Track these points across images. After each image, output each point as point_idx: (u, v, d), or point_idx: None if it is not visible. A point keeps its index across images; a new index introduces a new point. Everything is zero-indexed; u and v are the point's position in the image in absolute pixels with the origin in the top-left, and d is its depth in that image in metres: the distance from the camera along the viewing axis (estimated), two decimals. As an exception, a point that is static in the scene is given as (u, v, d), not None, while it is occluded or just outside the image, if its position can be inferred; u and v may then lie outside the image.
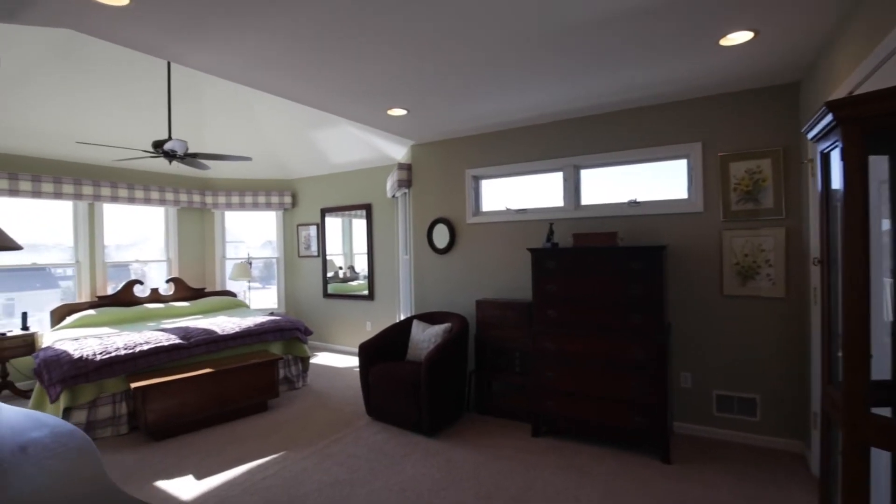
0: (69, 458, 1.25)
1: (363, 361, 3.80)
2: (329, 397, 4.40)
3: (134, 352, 3.69)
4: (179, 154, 4.05)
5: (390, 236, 5.74)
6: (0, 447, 1.35)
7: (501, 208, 4.20)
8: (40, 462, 1.26)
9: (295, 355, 4.73)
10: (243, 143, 5.66)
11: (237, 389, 3.86)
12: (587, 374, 3.20)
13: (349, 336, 6.20)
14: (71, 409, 3.44)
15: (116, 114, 4.70)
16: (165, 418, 3.50)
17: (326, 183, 6.40)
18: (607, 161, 3.70)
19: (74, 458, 1.25)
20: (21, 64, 3.89)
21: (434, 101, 3.36)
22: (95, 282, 5.41)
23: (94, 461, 1.22)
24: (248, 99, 5.06)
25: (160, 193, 5.86)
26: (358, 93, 3.15)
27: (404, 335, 4.07)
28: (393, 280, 5.72)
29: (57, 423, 1.51)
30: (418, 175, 4.64)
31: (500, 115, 3.71)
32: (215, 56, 2.52)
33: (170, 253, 6.17)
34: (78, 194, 5.14)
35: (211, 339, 4.11)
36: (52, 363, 3.47)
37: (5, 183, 4.64)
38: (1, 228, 1.28)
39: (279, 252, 6.77)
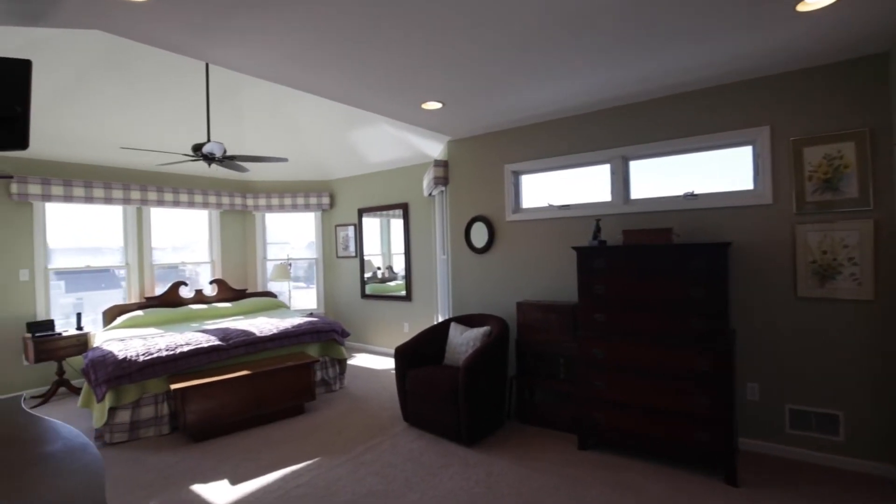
0: (74, 479, 1.16)
1: (399, 365, 3.67)
2: (366, 401, 4.31)
3: (175, 353, 3.73)
4: (217, 156, 4.07)
5: (427, 236, 5.61)
6: (13, 462, 1.28)
7: (543, 204, 3.96)
8: (47, 479, 1.17)
9: (332, 357, 4.68)
10: (282, 145, 5.68)
11: (274, 392, 3.83)
12: (640, 384, 2.93)
13: (387, 337, 6.12)
14: (116, 408, 3.50)
15: (159, 119, 4.81)
16: (204, 420, 3.51)
17: (363, 183, 6.35)
18: (660, 151, 3.40)
19: (79, 479, 1.15)
20: (72, 74, 4.02)
21: (470, 93, 3.18)
22: (144, 283, 5.59)
23: (97, 484, 1.12)
24: (286, 101, 5.06)
25: (203, 197, 5.99)
26: (390, 86, 3.02)
27: (441, 338, 3.91)
28: (430, 281, 5.59)
29: (72, 435, 1.44)
30: (455, 172, 4.47)
31: (540, 105, 3.48)
32: (242, 53, 2.45)
33: (213, 255, 6.31)
34: (127, 199, 5.32)
35: (249, 340, 4.11)
36: (98, 363, 3.55)
37: (60, 189, 4.85)
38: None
39: (318, 253, 6.79)
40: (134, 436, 3.58)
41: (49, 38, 3.55)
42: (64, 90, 4.16)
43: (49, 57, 3.75)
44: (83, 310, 5.23)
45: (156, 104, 4.65)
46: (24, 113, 1.98)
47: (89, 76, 4.12)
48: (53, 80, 4.01)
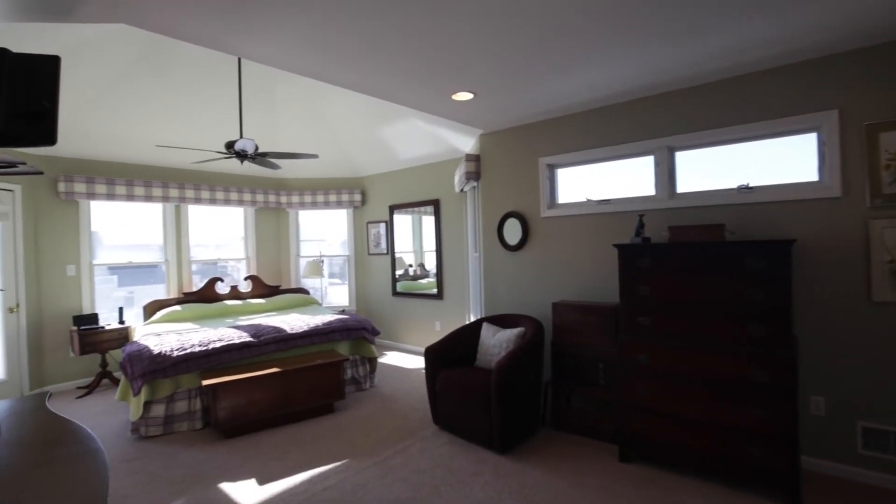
0: (76, 488, 1.09)
1: (430, 366, 3.55)
2: (395, 401, 4.23)
3: (207, 349, 3.75)
4: (249, 154, 4.08)
5: (459, 233, 5.47)
6: (21, 463, 1.23)
7: (580, 199, 3.75)
8: (46, 484, 1.11)
9: (362, 355, 4.62)
10: (314, 142, 5.68)
11: (304, 390, 3.80)
12: (689, 394, 2.69)
13: (418, 336, 6.03)
14: (151, 402, 3.55)
15: (195, 118, 4.88)
16: (235, 416, 3.50)
17: (394, 179, 6.28)
18: (709, 140, 3.13)
19: (80, 489, 1.08)
20: (113, 75, 4.12)
21: (503, 82, 3.01)
22: (182, 279, 5.71)
23: (99, 493, 1.05)
24: (318, 97, 5.04)
25: (239, 194, 6.07)
26: (420, 77, 2.89)
27: (473, 339, 3.77)
28: (462, 279, 5.45)
29: (86, 439, 1.39)
30: (487, 166, 4.31)
31: (578, 93, 3.27)
32: (268, 45, 2.38)
33: (248, 251, 6.40)
34: (166, 196, 5.44)
35: (280, 337, 4.10)
36: (134, 358, 3.61)
37: (104, 188, 5.00)
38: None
39: (349, 250, 6.78)
40: (168, 430, 3.62)
41: (91, 41, 3.63)
42: (105, 91, 4.27)
43: (91, 59, 3.84)
44: (134, 303, 5.41)
45: (191, 103, 4.72)
46: (52, 109, 1.96)
47: (129, 77, 4.21)
48: (95, 81, 4.12)
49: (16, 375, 4.48)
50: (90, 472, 1.17)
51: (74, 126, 4.54)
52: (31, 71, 1.97)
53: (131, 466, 3.10)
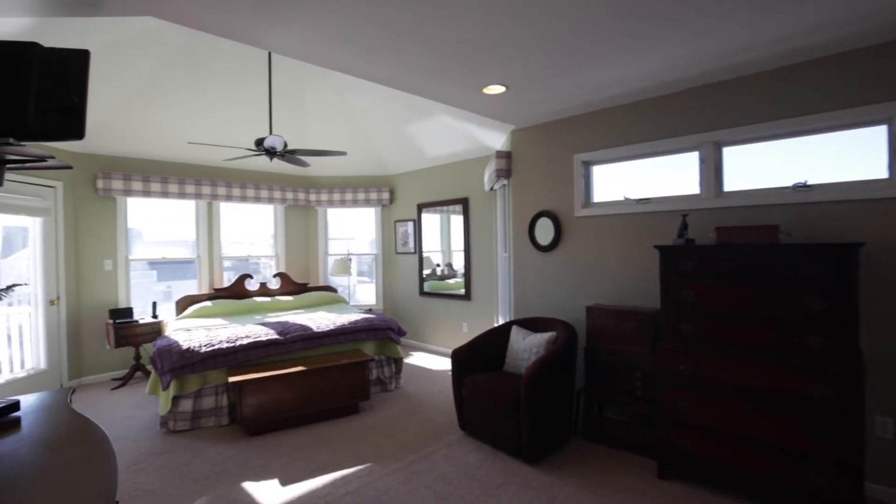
0: (79, 496, 1.03)
1: (456, 370, 3.44)
2: (421, 403, 4.13)
3: (235, 345, 3.75)
4: (278, 150, 4.07)
5: (488, 232, 5.34)
6: (31, 463, 1.19)
7: (617, 198, 3.55)
8: (51, 489, 1.05)
9: (388, 356, 4.55)
10: (343, 140, 5.66)
11: (329, 389, 3.75)
12: (736, 409, 2.48)
13: (445, 337, 5.93)
14: (179, 397, 3.58)
15: (226, 116, 4.92)
16: (260, 414, 3.48)
17: (423, 177, 6.19)
18: (761, 134, 2.89)
19: (84, 494, 1.02)
20: (148, 75, 4.18)
21: (537, 74, 2.87)
22: (213, 275, 5.79)
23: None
24: (347, 95, 5.00)
25: (269, 192, 6.11)
26: (450, 69, 2.78)
27: (502, 342, 3.64)
28: (491, 280, 5.31)
29: (100, 440, 1.34)
30: (519, 163, 4.16)
31: (616, 85, 3.09)
32: (295, 37, 2.32)
33: (277, 249, 6.44)
34: (198, 194, 5.53)
35: (306, 335, 4.07)
36: (164, 353, 3.64)
37: (140, 185, 5.11)
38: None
39: (377, 248, 6.74)
40: (195, 424, 3.64)
41: (126, 41, 3.69)
42: (141, 90, 4.34)
43: (127, 59, 3.91)
44: (171, 297, 5.53)
45: (223, 101, 4.76)
46: (81, 103, 1.95)
47: (163, 77, 4.27)
48: (131, 80, 4.19)
49: (55, 366, 4.62)
50: (100, 476, 1.11)
51: (112, 124, 4.65)
52: (61, 65, 1.96)
53: (159, 460, 3.12)
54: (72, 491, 1.06)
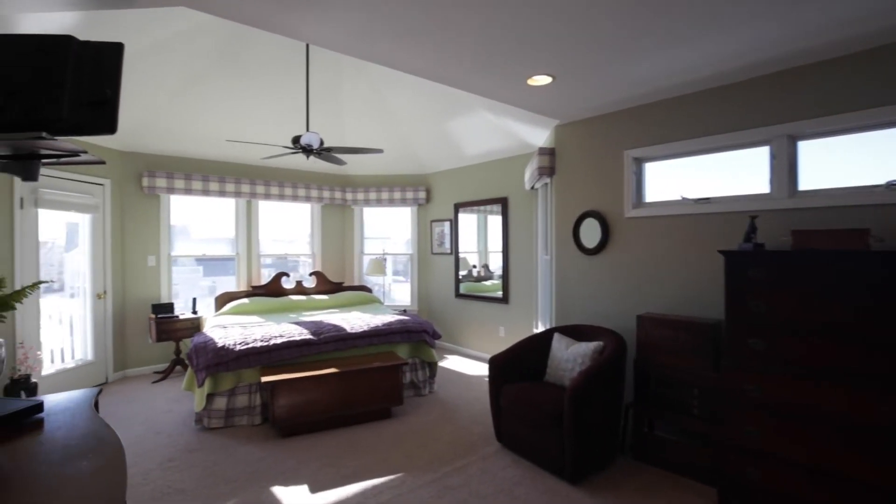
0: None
1: (494, 377, 3.25)
2: (456, 410, 3.97)
3: (268, 344, 3.71)
4: (314, 148, 4.01)
5: (528, 233, 5.12)
6: (40, 474, 1.10)
7: (673, 198, 3.27)
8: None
9: (422, 359, 4.41)
10: (380, 138, 5.57)
11: (362, 393, 3.64)
12: (816, 439, 2.17)
13: (481, 340, 5.74)
14: (213, 395, 3.56)
15: (265, 115, 4.93)
16: (292, 415, 3.42)
17: (460, 176, 6.03)
18: (845, 126, 2.55)
19: None
20: (190, 75, 4.23)
21: (587, 62, 2.64)
22: (251, 272, 5.84)
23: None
24: (385, 92, 4.91)
25: (306, 190, 6.12)
26: (491, 58, 2.60)
27: (543, 350, 3.42)
28: (530, 283, 5.09)
29: (114, 452, 1.24)
30: (563, 160, 3.92)
31: (674, 74, 2.82)
32: (327, 25, 2.20)
33: (314, 247, 6.44)
34: (238, 192, 5.58)
35: (339, 336, 3.99)
36: (200, 350, 3.64)
37: (182, 183, 5.20)
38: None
39: (413, 248, 6.63)
40: (229, 423, 3.62)
41: (170, 40, 3.71)
42: (183, 90, 4.40)
43: (169, 58, 3.95)
44: (216, 292, 5.64)
45: (261, 100, 4.76)
46: (113, 96, 1.90)
47: (204, 76, 4.31)
48: (175, 80, 4.24)
49: (101, 358, 4.75)
50: (106, 493, 1.01)
51: (156, 123, 4.74)
52: (96, 58, 1.91)
53: (192, 458, 3.09)
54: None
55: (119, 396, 4.37)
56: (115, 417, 3.84)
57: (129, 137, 4.82)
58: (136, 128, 4.72)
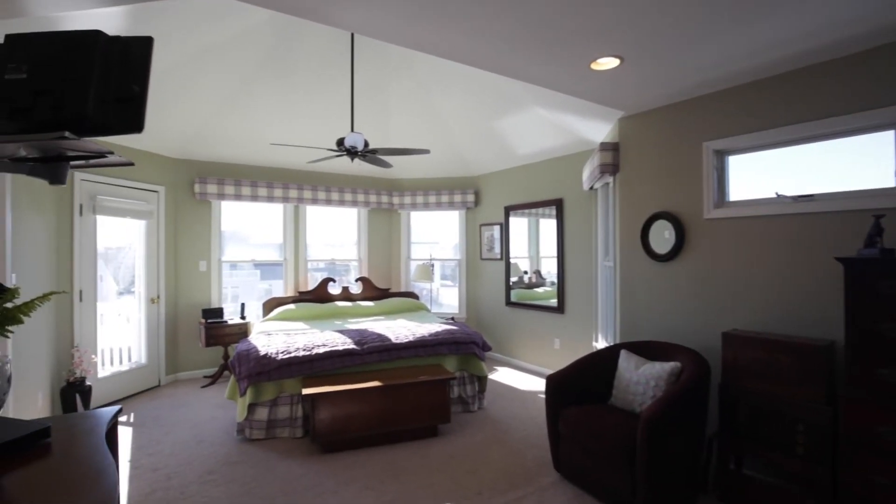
0: None
1: (552, 399, 2.91)
2: (508, 430, 3.64)
3: (311, 354, 3.56)
4: (358, 149, 3.84)
5: (586, 237, 4.71)
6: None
7: (765, 195, 2.80)
8: None
9: (471, 373, 4.11)
10: (426, 140, 5.36)
11: (406, 408, 3.40)
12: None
13: (534, 352, 5.37)
14: (255, 405, 3.44)
15: (311, 119, 4.85)
16: (333, 431, 3.23)
17: (511, 178, 5.70)
18: None
19: None
20: (238, 80, 4.21)
21: (663, 38, 2.27)
22: (298, 278, 5.79)
23: None
24: (431, 92, 4.70)
25: (352, 195, 6.01)
26: (550, 39, 2.29)
27: (607, 369, 3.03)
28: (589, 291, 4.67)
29: (105, 489, 1.04)
30: (628, 156, 3.52)
31: (769, 48, 2.38)
32: (374, 12, 1.98)
33: (360, 253, 6.33)
34: (286, 197, 5.55)
35: (383, 346, 3.78)
36: (242, 358, 3.54)
37: (232, 189, 5.23)
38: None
39: (461, 254, 6.36)
40: (271, 434, 3.49)
41: (219, 46, 3.68)
42: (232, 96, 4.39)
43: (217, 65, 3.93)
44: (272, 296, 5.67)
45: (307, 104, 4.69)
46: (141, 93, 1.77)
47: (252, 81, 4.28)
48: (224, 86, 4.24)
49: (154, 361, 4.82)
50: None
51: (207, 130, 4.78)
52: (124, 54, 1.79)
53: (232, 471, 2.97)
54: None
55: (169, 400, 4.39)
56: (162, 423, 3.82)
57: (182, 145, 4.89)
58: (189, 135, 4.77)
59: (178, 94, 4.11)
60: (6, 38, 1.63)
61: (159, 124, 4.44)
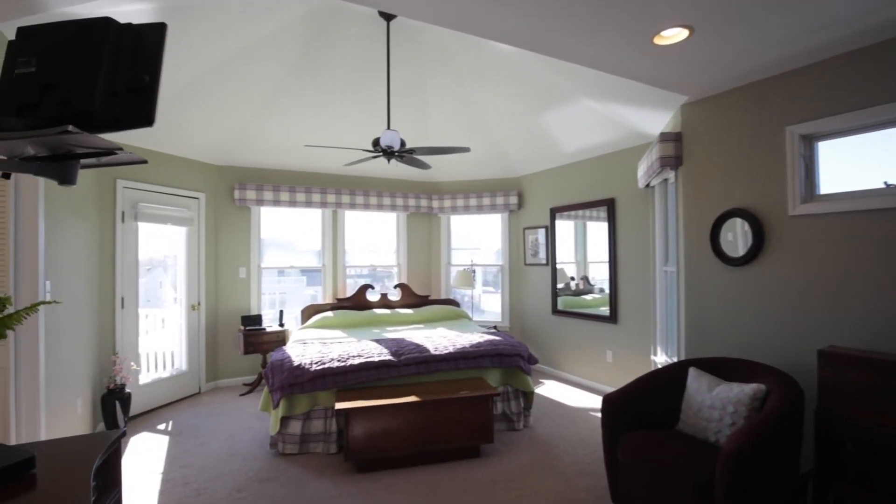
0: None
1: (609, 421, 2.56)
2: (557, 453, 3.30)
3: (345, 365, 3.37)
4: (395, 149, 3.65)
5: (642, 239, 4.30)
6: None
7: (868, 185, 2.35)
8: None
9: (516, 387, 3.80)
10: (466, 140, 5.12)
11: (446, 426, 3.14)
12: None
13: (583, 365, 4.98)
14: (288, 418, 3.29)
15: (346, 122, 4.73)
16: (367, 448, 3.01)
17: (557, 177, 5.36)
18: None
19: None
20: (274, 84, 4.16)
21: (738, 3, 1.92)
22: (337, 284, 5.68)
23: None
24: (471, 90, 4.47)
25: (391, 199, 5.86)
26: (606, 10, 1.99)
27: (673, 388, 2.65)
28: (645, 299, 4.25)
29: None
30: (694, 147, 3.12)
31: (869, 12, 1.97)
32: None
33: (399, 258, 6.15)
34: (324, 202, 5.46)
35: (422, 358, 3.54)
36: (276, 368, 3.41)
37: (270, 194, 5.19)
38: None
39: (503, 259, 6.06)
40: (304, 449, 3.33)
41: (254, 47, 3.61)
42: (268, 100, 4.34)
43: (255, 68, 3.87)
44: (318, 300, 5.63)
45: (343, 106, 4.58)
46: (152, 84, 1.62)
47: (288, 85, 4.21)
48: (260, 90, 4.18)
49: (195, 368, 4.81)
50: None
51: (245, 136, 4.76)
52: (136, 43, 1.65)
53: (262, 489, 2.81)
54: None
55: (207, 409, 4.34)
56: (199, 432, 3.75)
57: (222, 151, 4.89)
58: (229, 141, 4.77)
59: (218, 99, 4.09)
60: (18, 32, 1.51)
61: (200, 131, 4.44)
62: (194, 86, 3.77)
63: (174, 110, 3.91)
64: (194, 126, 4.33)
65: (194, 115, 4.16)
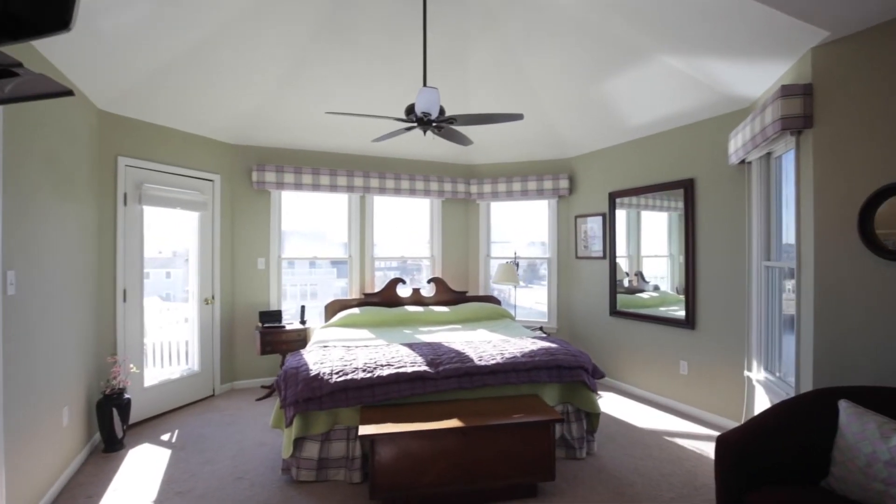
0: None
1: (728, 475, 1.86)
2: (633, 494, 2.61)
3: (372, 377, 2.78)
4: (433, 118, 3.01)
5: (731, 229, 3.52)
6: None
7: None
8: None
9: (576, 406, 3.12)
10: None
11: (493, 459, 2.52)
12: None
13: (650, 376, 4.25)
14: (304, 438, 2.74)
15: (375, 92, 4.12)
16: (396, 483, 2.42)
17: (618, 156, 4.61)
18: None
19: None
20: (295, 59, 3.70)
21: None
22: (364, 278, 5.13)
23: None
24: (518, 55, 3.81)
25: (424, 183, 5.23)
26: None
27: (813, 429, 1.93)
28: (734, 301, 3.48)
29: None
30: (832, 101, 2.34)
31: None
32: None
33: (433, 250, 5.53)
34: (350, 186, 4.90)
35: (464, 370, 2.91)
36: (290, 377, 2.85)
37: (291, 177, 4.67)
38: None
39: (551, 251, 5.35)
40: (322, 476, 2.77)
41: (273, 7, 3.06)
42: (290, 72, 3.84)
43: (275, 32, 3.34)
44: (347, 293, 5.13)
45: (373, 78, 4.00)
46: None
47: (311, 55, 3.68)
48: (281, 60, 3.67)
49: (208, 368, 4.35)
50: None
51: (264, 113, 4.25)
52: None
53: (269, 531, 2.26)
54: None
55: (219, 415, 3.86)
56: (205, 445, 3.26)
57: (239, 130, 4.39)
58: (246, 118, 4.26)
59: (233, 68, 3.57)
60: None
61: (214, 106, 3.94)
62: (203, 49, 3.24)
63: (180, 77, 3.40)
64: (206, 98, 3.82)
65: (205, 85, 3.64)
